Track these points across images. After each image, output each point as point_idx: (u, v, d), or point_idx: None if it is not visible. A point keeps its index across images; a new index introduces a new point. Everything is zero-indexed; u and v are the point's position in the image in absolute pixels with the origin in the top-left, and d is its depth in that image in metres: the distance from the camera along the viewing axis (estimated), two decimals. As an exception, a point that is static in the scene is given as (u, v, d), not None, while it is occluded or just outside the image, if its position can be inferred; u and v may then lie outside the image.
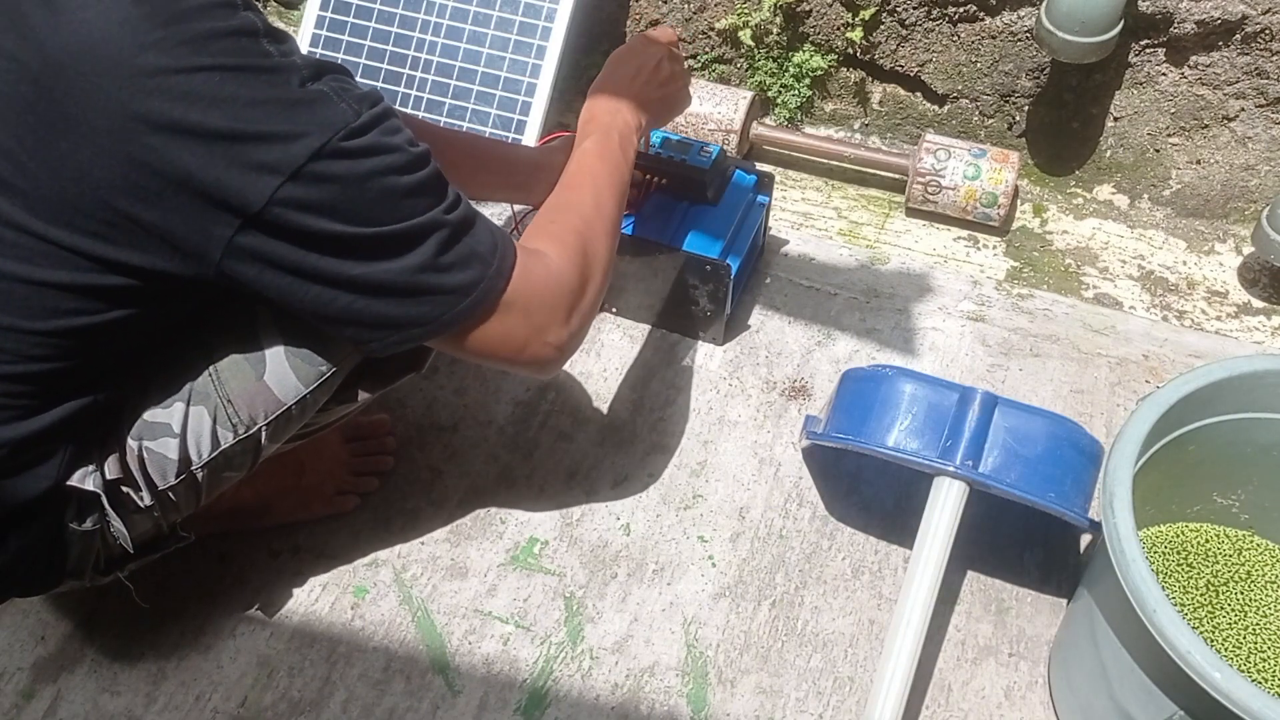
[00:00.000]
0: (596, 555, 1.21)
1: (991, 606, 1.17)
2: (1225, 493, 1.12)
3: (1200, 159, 1.52)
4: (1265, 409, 1.02)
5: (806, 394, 1.35)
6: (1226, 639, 1.06)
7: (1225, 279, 1.49)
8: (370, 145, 0.79)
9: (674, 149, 1.36)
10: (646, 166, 1.35)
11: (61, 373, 0.83)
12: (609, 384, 1.37)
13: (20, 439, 0.83)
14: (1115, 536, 0.88)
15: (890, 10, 1.53)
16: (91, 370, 0.85)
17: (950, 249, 1.53)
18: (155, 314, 0.84)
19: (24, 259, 0.77)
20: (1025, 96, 1.56)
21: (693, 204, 1.35)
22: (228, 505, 1.15)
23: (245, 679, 1.13)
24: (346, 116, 0.78)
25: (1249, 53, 1.41)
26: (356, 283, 0.81)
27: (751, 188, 1.39)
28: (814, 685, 1.12)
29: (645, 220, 1.34)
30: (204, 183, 0.75)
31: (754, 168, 1.41)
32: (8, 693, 1.12)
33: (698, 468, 1.29)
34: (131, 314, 0.82)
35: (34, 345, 0.80)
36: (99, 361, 0.85)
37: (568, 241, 0.95)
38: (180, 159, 0.74)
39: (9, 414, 0.83)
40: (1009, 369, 1.37)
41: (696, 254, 1.31)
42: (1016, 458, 1.07)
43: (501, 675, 1.13)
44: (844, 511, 1.25)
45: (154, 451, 0.92)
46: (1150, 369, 1.37)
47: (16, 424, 0.83)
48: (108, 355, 0.86)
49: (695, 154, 1.35)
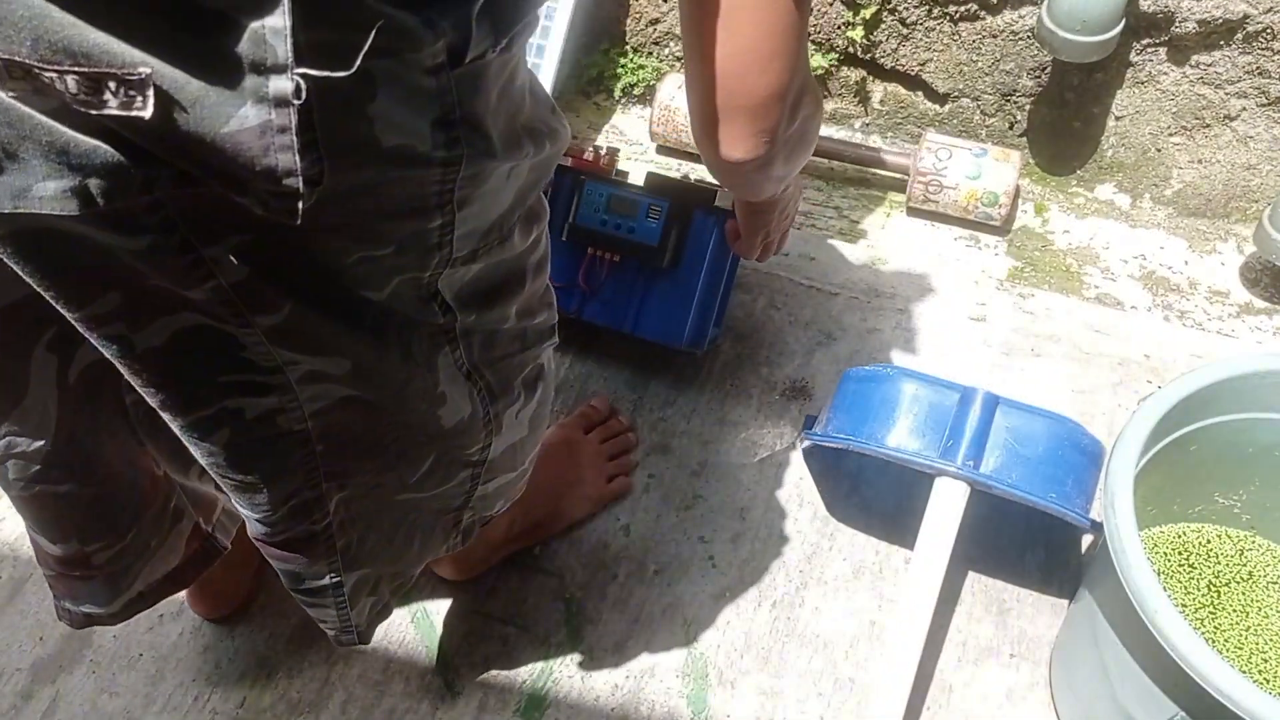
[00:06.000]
0: (596, 556, 1.21)
1: (993, 607, 1.17)
2: (1227, 493, 1.11)
3: (1202, 158, 1.52)
4: (1267, 409, 1.02)
5: (807, 394, 1.35)
6: (1228, 640, 1.06)
7: (1227, 278, 1.48)
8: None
9: (620, 213, 1.27)
10: (595, 243, 1.28)
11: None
12: (609, 384, 1.36)
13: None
14: (1117, 537, 0.87)
15: (891, 9, 1.53)
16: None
17: (951, 249, 1.52)
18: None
19: None
20: (1026, 96, 1.55)
21: (649, 277, 1.28)
22: (520, 528, 1.17)
23: (244, 679, 1.12)
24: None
25: (1250, 52, 1.40)
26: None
27: (713, 227, 1.26)
28: (814, 686, 1.12)
29: (601, 303, 1.29)
30: None
31: (711, 198, 1.26)
32: (6, 693, 1.12)
33: (698, 468, 1.28)
34: None
35: None
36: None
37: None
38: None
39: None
40: (1010, 369, 1.37)
41: (661, 342, 1.28)
42: (1018, 458, 1.07)
43: (501, 676, 1.13)
44: (845, 512, 1.25)
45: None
46: (1152, 369, 1.37)
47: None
48: None
49: (643, 220, 1.26)
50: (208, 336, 0.61)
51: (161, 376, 0.63)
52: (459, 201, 0.62)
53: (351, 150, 0.54)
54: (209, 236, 0.56)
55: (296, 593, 0.84)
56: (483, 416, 0.79)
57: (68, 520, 0.84)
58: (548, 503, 1.19)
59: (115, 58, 0.44)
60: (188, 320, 0.60)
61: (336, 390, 0.68)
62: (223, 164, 0.48)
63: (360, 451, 0.75)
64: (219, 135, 0.47)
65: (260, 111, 0.46)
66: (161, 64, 0.45)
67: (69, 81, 0.44)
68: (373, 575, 0.87)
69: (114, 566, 0.89)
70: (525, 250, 0.75)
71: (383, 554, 0.86)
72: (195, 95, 0.46)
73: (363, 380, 0.68)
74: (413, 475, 0.80)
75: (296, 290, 0.60)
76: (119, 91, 0.44)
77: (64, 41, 0.43)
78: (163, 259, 0.55)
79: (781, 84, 0.68)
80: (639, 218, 1.26)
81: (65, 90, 0.44)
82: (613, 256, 1.28)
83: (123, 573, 0.90)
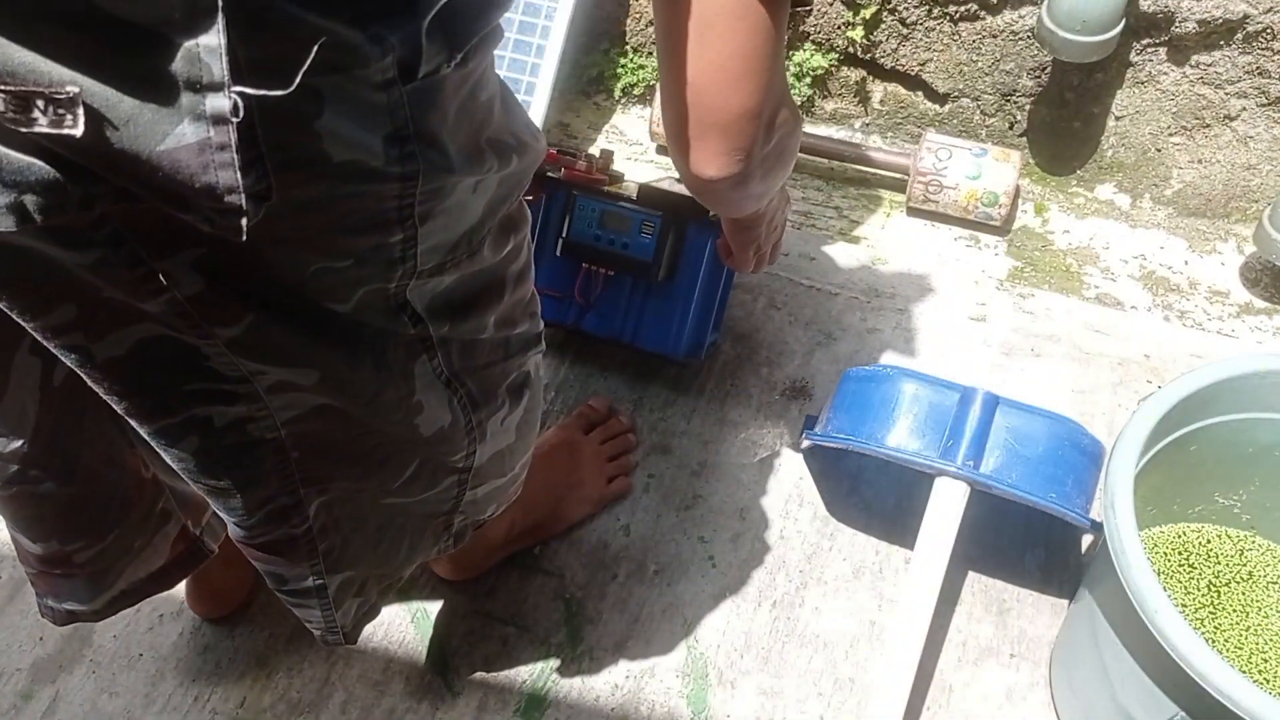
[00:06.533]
0: (596, 556, 1.21)
1: (993, 607, 1.17)
2: (1227, 493, 1.11)
3: (1202, 158, 1.52)
4: (1267, 409, 1.02)
5: (806, 394, 1.35)
6: (1228, 640, 1.06)
7: (1227, 278, 1.48)
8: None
9: (613, 228, 1.26)
10: (589, 259, 1.28)
11: None
12: (609, 384, 1.36)
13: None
14: (1117, 537, 0.87)
15: (891, 9, 1.53)
16: None
17: (951, 249, 1.52)
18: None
19: None
20: (1026, 96, 1.55)
21: (645, 290, 1.28)
22: (520, 529, 1.17)
23: (244, 679, 1.12)
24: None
25: (1250, 52, 1.40)
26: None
27: (708, 240, 1.26)
28: (815, 686, 1.12)
29: (597, 315, 1.30)
30: None
31: (705, 210, 1.23)
32: (6, 693, 1.12)
33: (698, 468, 1.28)
34: None
35: None
36: None
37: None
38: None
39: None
40: (1010, 369, 1.37)
41: (659, 352, 1.28)
42: (1018, 458, 1.07)
43: (501, 676, 1.13)
44: (845, 512, 1.25)
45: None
46: (1152, 369, 1.37)
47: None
48: None
49: (636, 236, 1.24)
50: (169, 346, 0.61)
51: (124, 385, 0.63)
52: (420, 216, 0.61)
53: (300, 165, 0.53)
54: (159, 250, 0.55)
55: (281, 593, 0.84)
56: (465, 424, 0.79)
57: (47, 520, 0.84)
58: (548, 503, 1.19)
59: (42, 76, 0.44)
60: (148, 330, 0.60)
61: (308, 399, 0.68)
62: (161, 181, 0.47)
63: (338, 458, 0.74)
64: (155, 153, 0.46)
65: (198, 129, 0.46)
66: (91, 82, 0.44)
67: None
68: (358, 577, 0.87)
69: (95, 566, 0.88)
70: (500, 261, 0.74)
71: (368, 557, 0.85)
72: (128, 113, 0.45)
73: (333, 389, 0.68)
74: (395, 481, 0.79)
75: (256, 302, 0.60)
76: (48, 110, 0.44)
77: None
78: (113, 272, 0.55)
79: (755, 102, 0.67)
80: (632, 233, 1.25)
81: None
82: (607, 271, 1.28)
83: (104, 572, 0.89)
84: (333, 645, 0.92)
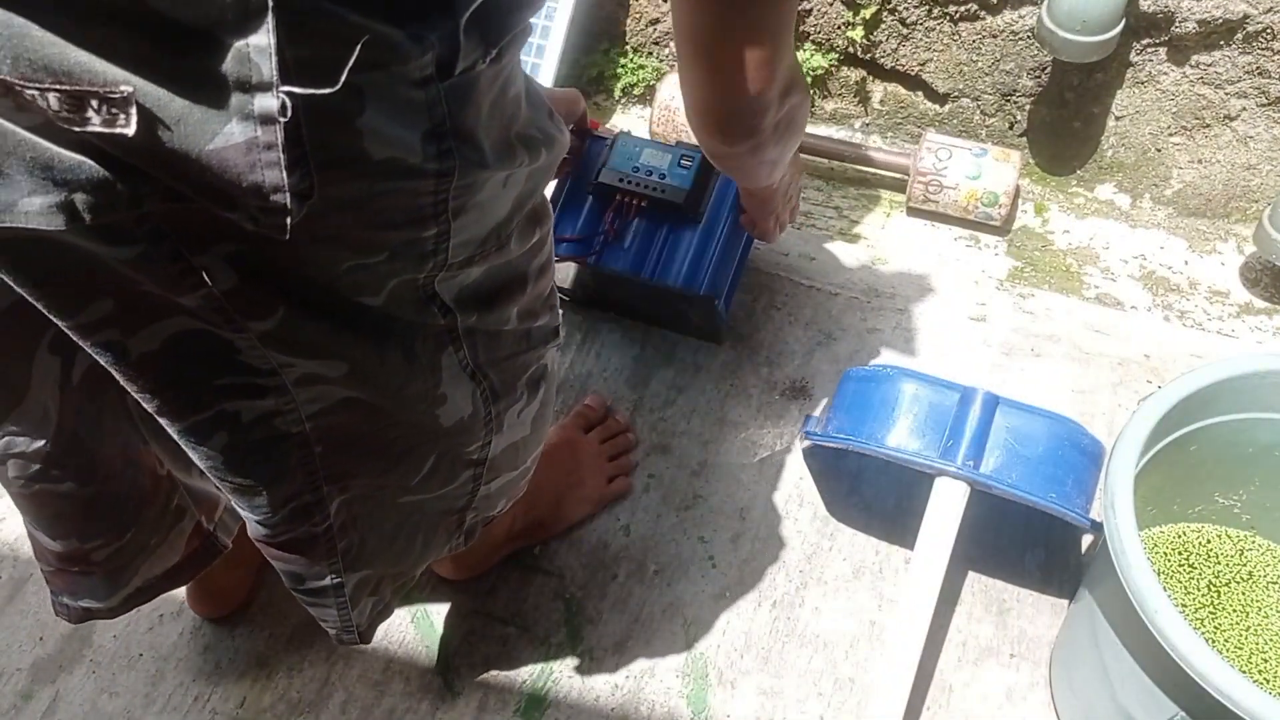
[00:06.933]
0: (596, 556, 1.21)
1: (993, 607, 1.17)
2: (1227, 493, 1.11)
3: (1202, 158, 1.52)
4: (1267, 409, 1.02)
5: (806, 394, 1.35)
6: (1228, 640, 1.06)
7: (1227, 278, 1.48)
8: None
9: (651, 163, 1.29)
10: (623, 189, 1.29)
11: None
12: (609, 384, 1.36)
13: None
14: (1117, 537, 0.87)
15: (891, 9, 1.53)
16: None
17: (951, 249, 1.52)
18: None
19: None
20: (1026, 96, 1.55)
21: (673, 226, 1.30)
22: (521, 526, 1.17)
23: (244, 679, 1.12)
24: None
25: (1250, 52, 1.40)
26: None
27: (734, 189, 1.30)
28: (815, 686, 1.12)
29: (623, 250, 1.30)
30: None
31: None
32: (6, 693, 1.12)
33: (698, 468, 1.28)
34: None
35: None
36: None
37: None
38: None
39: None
40: (1010, 369, 1.37)
41: (680, 288, 1.28)
42: (1018, 458, 1.07)
43: (501, 676, 1.13)
44: (845, 512, 1.25)
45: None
46: (1152, 369, 1.37)
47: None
48: None
49: (675, 168, 1.28)
50: (202, 340, 0.61)
51: (156, 381, 0.63)
52: (454, 211, 0.62)
53: (341, 164, 0.54)
54: (199, 245, 0.56)
55: (297, 592, 0.84)
56: (484, 416, 0.79)
57: (67, 518, 0.84)
58: (548, 503, 1.19)
59: (97, 76, 0.44)
60: (182, 324, 0.60)
61: (335, 392, 0.68)
62: (209, 180, 0.48)
63: (361, 453, 0.75)
64: (204, 152, 0.47)
65: (246, 128, 0.47)
66: (144, 82, 0.45)
67: (50, 99, 0.44)
68: (374, 576, 0.87)
69: (113, 563, 0.89)
70: (525, 254, 0.75)
71: (385, 555, 0.86)
72: (179, 113, 0.46)
73: (360, 382, 0.68)
74: (415, 477, 0.80)
75: (289, 296, 0.60)
76: (101, 109, 0.44)
77: (44, 60, 0.43)
78: (153, 267, 0.55)
79: (772, 77, 0.73)
80: (671, 165, 1.30)
81: (47, 107, 0.44)
82: (640, 202, 1.30)
83: (122, 569, 0.90)
84: (348, 645, 0.93)
